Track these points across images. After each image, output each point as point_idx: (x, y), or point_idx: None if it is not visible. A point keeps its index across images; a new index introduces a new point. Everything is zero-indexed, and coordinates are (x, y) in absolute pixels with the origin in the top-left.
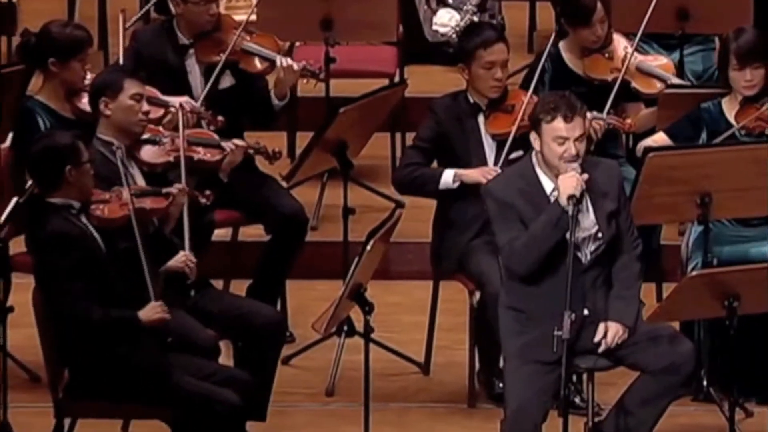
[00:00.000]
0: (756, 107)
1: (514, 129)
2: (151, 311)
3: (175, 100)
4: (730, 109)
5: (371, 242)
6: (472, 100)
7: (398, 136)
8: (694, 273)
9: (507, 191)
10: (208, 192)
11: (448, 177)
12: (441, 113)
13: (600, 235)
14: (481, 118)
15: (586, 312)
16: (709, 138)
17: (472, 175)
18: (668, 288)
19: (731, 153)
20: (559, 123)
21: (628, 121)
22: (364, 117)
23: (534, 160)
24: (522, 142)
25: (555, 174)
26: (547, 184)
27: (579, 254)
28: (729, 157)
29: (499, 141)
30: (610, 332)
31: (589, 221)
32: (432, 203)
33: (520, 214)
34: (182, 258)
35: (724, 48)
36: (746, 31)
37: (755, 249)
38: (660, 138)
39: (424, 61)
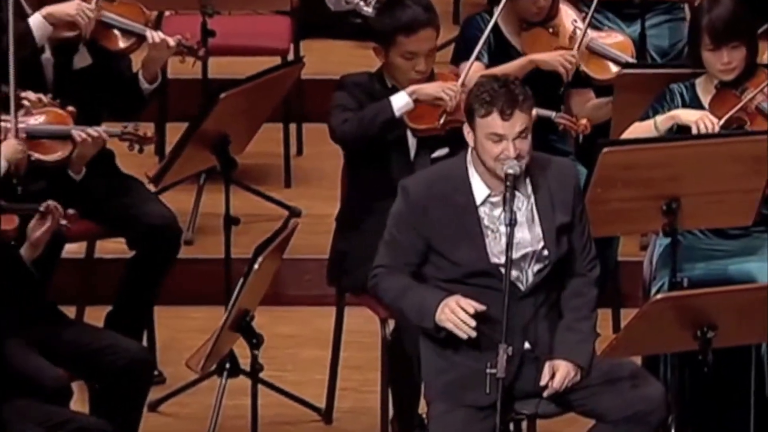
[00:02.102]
0: (735, 95)
1: (441, 122)
2: None
3: None
4: (704, 92)
5: (260, 259)
6: (390, 84)
7: (293, 127)
8: (659, 296)
9: (428, 193)
10: (71, 211)
11: (401, 97)
12: (355, 90)
13: (546, 253)
14: None
15: (527, 345)
16: (680, 127)
17: (432, 89)
18: (627, 315)
19: (705, 148)
20: (494, 119)
21: (583, 122)
22: (250, 104)
23: (468, 158)
24: (450, 138)
25: (494, 176)
26: (479, 190)
27: (515, 277)
28: (702, 153)
29: (422, 138)
30: (559, 374)
31: (532, 235)
32: (333, 212)
33: (434, 229)
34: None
35: (695, 22)
36: (722, 2)
37: (735, 266)
38: (635, 128)
39: (325, 35)
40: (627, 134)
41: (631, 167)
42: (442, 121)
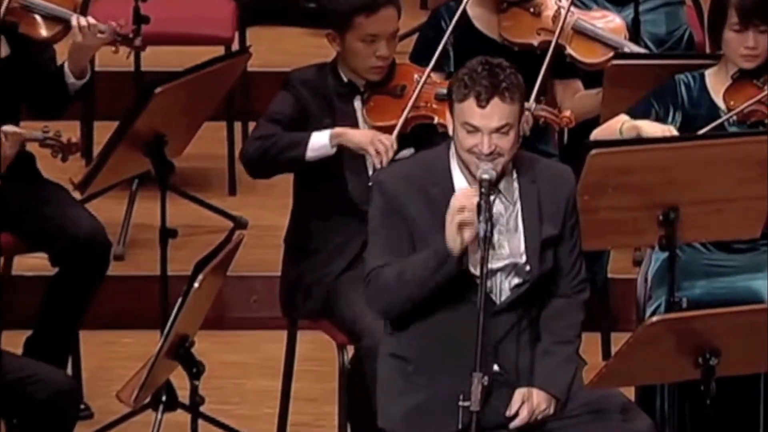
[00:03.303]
0: (755, 85)
1: (401, 120)
2: None
3: None
4: (716, 85)
5: (200, 277)
6: (345, 78)
7: (238, 126)
8: (655, 318)
9: (404, 187)
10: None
11: (321, 138)
12: (302, 89)
13: (528, 268)
14: (357, 103)
15: (496, 368)
16: (685, 125)
17: (360, 140)
18: (619, 340)
19: (708, 149)
20: (470, 105)
21: (566, 114)
22: (189, 100)
23: (450, 149)
24: (417, 136)
25: (466, 167)
26: (461, 185)
27: (491, 286)
28: (705, 156)
29: None
30: (529, 403)
31: (513, 246)
32: (284, 222)
33: (413, 226)
34: None
35: (721, 0)
36: None
37: (741, 285)
38: (620, 121)
39: (274, 22)
40: (596, 133)
41: (623, 171)
42: (406, 115)
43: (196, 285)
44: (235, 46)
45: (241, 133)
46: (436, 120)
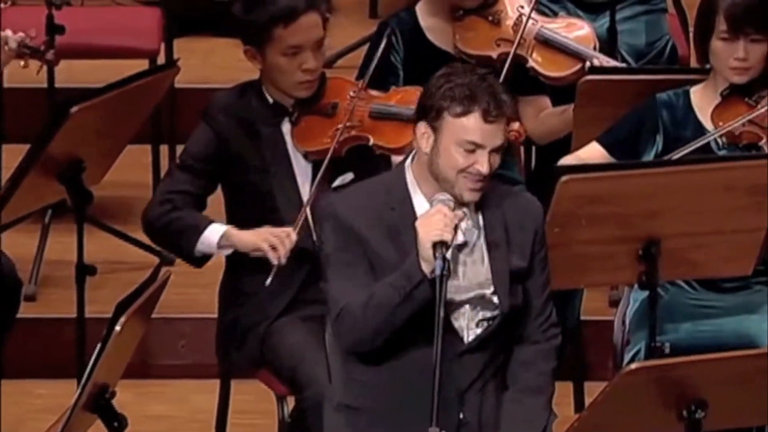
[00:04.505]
0: (748, 103)
1: (334, 142)
2: None
3: None
4: (703, 104)
5: (122, 320)
6: (270, 99)
7: (164, 150)
8: (633, 365)
9: (359, 216)
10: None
11: (213, 236)
12: (222, 118)
13: (496, 300)
14: (286, 127)
15: (461, 416)
16: (668, 150)
17: (250, 240)
18: (593, 390)
19: (693, 175)
20: (474, 121)
21: (515, 126)
22: (109, 121)
23: (408, 172)
24: (354, 161)
25: (447, 190)
26: (422, 209)
27: (458, 326)
28: (690, 183)
29: (318, 161)
30: None
31: (479, 276)
32: (216, 258)
33: (373, 255)
34: None
35: (709, 5)
36: None
37: (730, 328)
38: (592, 151)
39: (205, 32)
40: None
41: (598, 200)
42: (338, 138)
43: (117, 328)
44: (162, 60)
45: (168, 157)
46: (371, 141)
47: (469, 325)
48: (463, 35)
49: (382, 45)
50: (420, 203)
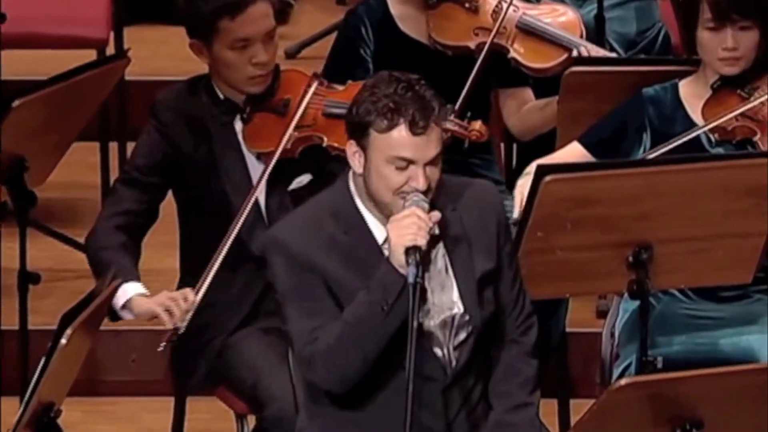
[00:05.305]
0: (740, 96)
1: (284, 140)
2: None
3: None
4: (693, 98)
5: (68, 332)
6: (221, 95)
7: (113, 147)
8: (623, 381)
9: (310, 242)
10: None
11: (120, 297)
12: (170, 118)
13: (467, 317)
14: (238, 125)
15: None
16: (655, 146)
17: (145, 307)
18: (579, 408)
19: (688, 175)
20: (401, 134)
21: (476, 126)
22: (54, 116)
23: (352, 185)
24: (310, 161)
25: (386, 214)
26: (377, 228)
27: (440, 354)
28: (684, 183)
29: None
30: None
31: (447, 294)
32: (173, 262)
33: (336, 285)
34: None
35: None
36: None
37: (728, 340)
38: (573, 151)
39: (157, 20)
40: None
41: (585, 202)
42: (288, 138)
43: (63, 341)
44: (111, 50)
45: (118, 155)
46: (325, 142)
47: (449, 353)
48: (438, 24)
49: (367, 36)
50: (374, 223)
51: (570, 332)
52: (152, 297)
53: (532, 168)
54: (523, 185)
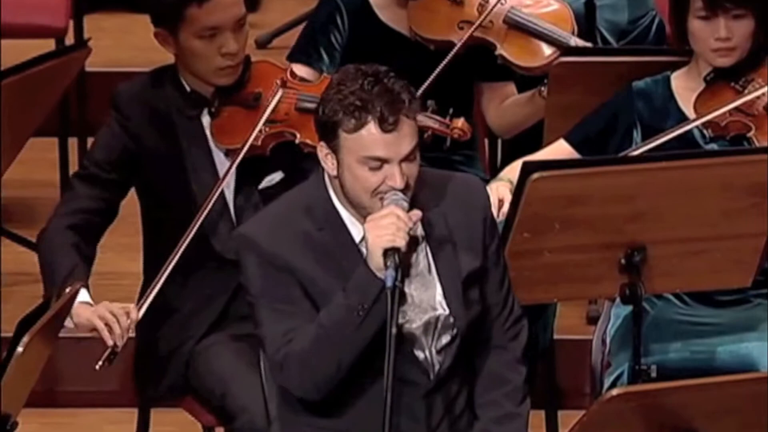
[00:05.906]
0: (735, 89)
1: (252, 135)
2: None
3: None
4: (685, 91)
5: (25, 339)
6: (188, 87)
7: (73, 143)
8: (615, 391)
9: (281, 239)
10: None
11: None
12: (132, 110)
13: (452, 320)
14: (206, 119)
15: None
16: (645, 141)
17: (84, 316)
18: (568, 419)
19: (683, 172)
20: (370, 133)
21: (458, 123)
22: (10, 109)
23: (328, 184)
24: (282, 158)
25: (364, 215)
26: (354, 225)
27: (422, 357)
28: (679, 181)
29: (244, 159)
30: None
31: (429, 294)
32: (137, 265)
33: (311, 285)
34: None
35: None
36: None
37: (726, 348)
38: (559, 150)
39: (120, 8)
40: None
41: (574, 201)
42: (258, 133)
43: (19, 349)
44: (70, 39)
45: (78, 151)
46: (298, 138)
47: (431, 354)
48: (419, 16)
49: (342, 26)
50: (351, 221)
51: (558, 339)
52: (95, 306)
53: (505, 172)
54: (496, 188)
